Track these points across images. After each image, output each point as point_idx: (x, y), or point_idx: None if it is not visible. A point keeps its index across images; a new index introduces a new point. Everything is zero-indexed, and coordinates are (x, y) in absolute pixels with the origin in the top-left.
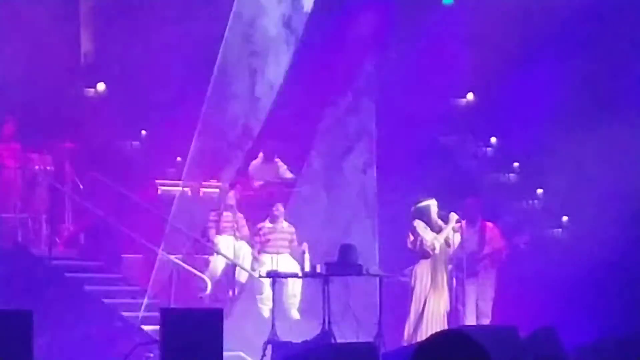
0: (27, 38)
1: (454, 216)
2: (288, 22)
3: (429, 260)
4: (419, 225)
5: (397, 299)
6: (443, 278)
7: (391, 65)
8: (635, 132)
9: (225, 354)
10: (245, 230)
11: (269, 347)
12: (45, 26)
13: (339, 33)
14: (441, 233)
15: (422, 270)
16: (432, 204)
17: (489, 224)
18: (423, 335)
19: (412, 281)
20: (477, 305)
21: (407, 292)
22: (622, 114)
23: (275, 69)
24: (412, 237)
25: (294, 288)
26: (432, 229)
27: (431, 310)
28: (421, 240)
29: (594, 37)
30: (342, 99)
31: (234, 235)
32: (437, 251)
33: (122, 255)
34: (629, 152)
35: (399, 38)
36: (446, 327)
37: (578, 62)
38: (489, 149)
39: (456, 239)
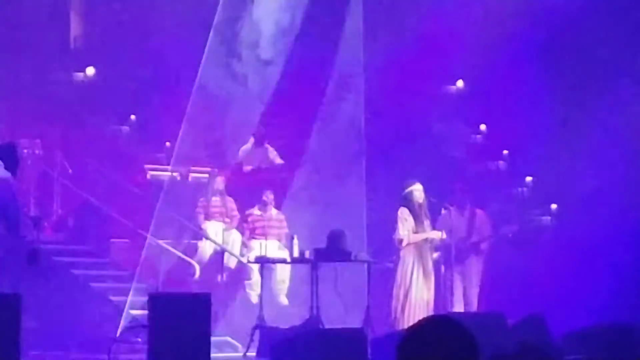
0: (17, 22)
1: (438, 233)
2: (278, 11)
3: (412, 246)
4: (402, 213)
5: (385, 285)
6: (429, 264)
7: (381, 51)
8: (624, 120)
9: (212, 338)
10: (236, 216)
11: (257, 332)
12: (34, 10)
13: (328, 21)
14: (417, 234)
15: (406, 254)
16: (416, 189)
17: (479, 211)
18: (407, 321)
19: (396, 264)
20: (464, 293)
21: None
22: (611, 102)
23: (266, 54)
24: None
25: (283, 274)
26: (416, 216)
27: (415, 296)
28: (396, 230)
29: (584, 26)
30: (332, 86)
31: (223, 220)
32: (403, 245)
33: (111, 240)
34: (618, 140)
35: (389, 24)
36: (431, 314)
37: (568, 49)
38: (478, 136)
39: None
